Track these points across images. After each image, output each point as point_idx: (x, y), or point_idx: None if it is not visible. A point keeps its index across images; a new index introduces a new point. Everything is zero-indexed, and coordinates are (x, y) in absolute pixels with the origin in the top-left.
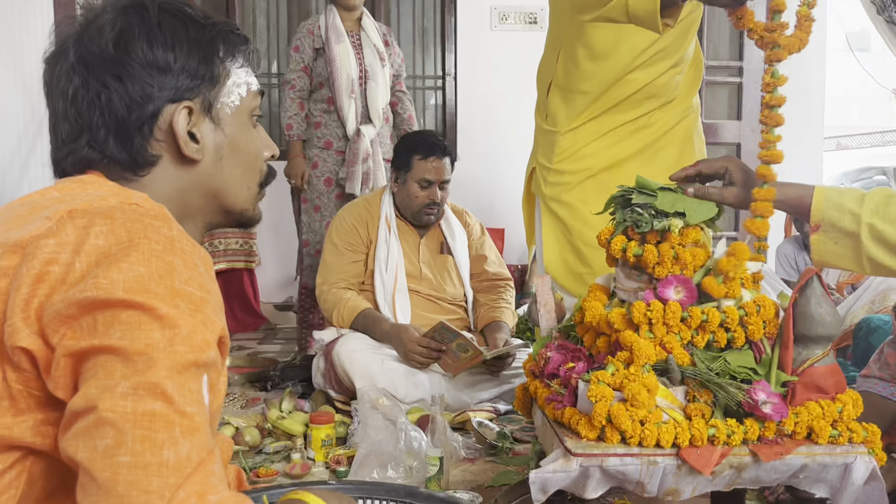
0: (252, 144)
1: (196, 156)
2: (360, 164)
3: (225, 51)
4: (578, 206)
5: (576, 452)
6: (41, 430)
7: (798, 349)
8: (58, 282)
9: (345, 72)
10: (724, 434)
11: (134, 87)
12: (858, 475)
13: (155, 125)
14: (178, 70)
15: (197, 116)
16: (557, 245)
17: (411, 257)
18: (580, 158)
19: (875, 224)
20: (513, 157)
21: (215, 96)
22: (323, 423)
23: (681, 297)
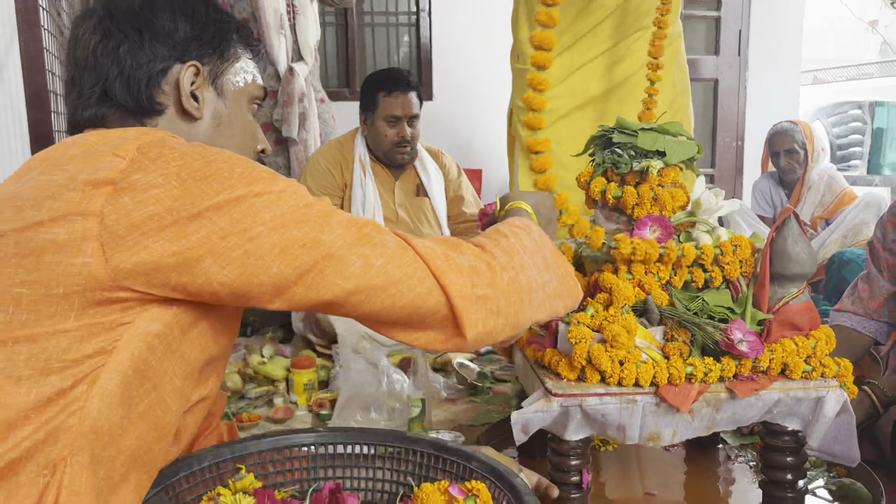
0: (249, 125)
1: (195, 113)
2: (295, 105)
3: (238, 38)
4: (552, 146)
5: (556, 393)
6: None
7: (774, 287)
8: (168, 205)
9: (272, 7)
10: (701, 372)
11: (151, 42)
12: (830, 408)
13: (163, 79)
14: (193, 37)
15: (202, 80)
16: (532, 185)
17: (387, 200)
18: (554, 97)
19: None
20: (490, 95)
21: (222, 70)
22: (304, 368)
23: (657, 235)
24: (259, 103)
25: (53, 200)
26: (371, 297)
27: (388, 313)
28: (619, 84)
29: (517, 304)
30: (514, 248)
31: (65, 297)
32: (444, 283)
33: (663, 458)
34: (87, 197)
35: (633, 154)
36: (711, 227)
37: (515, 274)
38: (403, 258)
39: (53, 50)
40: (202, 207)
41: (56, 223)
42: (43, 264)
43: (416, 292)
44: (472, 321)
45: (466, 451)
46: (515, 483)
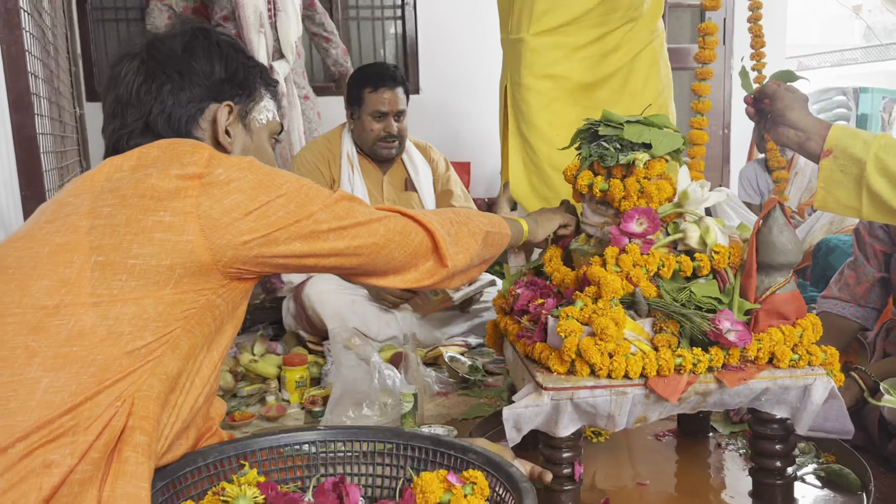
0: (269, 157)
1: (228, 147)
2: None
3: (262, 80)
4: (545, 128)
5: (547, 387)
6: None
7: (761, 277)
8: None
9: (252, 5)
10: (690, 363)
11: (191, 83)
12: (817, 395)
13: (201, 117)
14: (226, 79)
15: (234, 118)
16: (524, 167)
17: (375, 195)
18: (550, 77)
19: (881, 156)
20: (478, 87)
21: (250, 109)
22: (296, 365)
23: (643, 228)
24: (277, 138)
25: (154, 190)
26: (391, 249)
27: (397, 259)
28: (612, 74)
29: (473, 243)
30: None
31: (170, 269)
32: (431, 229)
33: (655, 448)
34: (183, 188)
35: (620, 147)
36: (698, 218)
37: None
38: (406, 222)
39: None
40: (275, 195)
41: (161, 208)
42: (154, 240)
43: (417, 239)
44: (450, 254)
45: (463, 444)
46: (511, 472)
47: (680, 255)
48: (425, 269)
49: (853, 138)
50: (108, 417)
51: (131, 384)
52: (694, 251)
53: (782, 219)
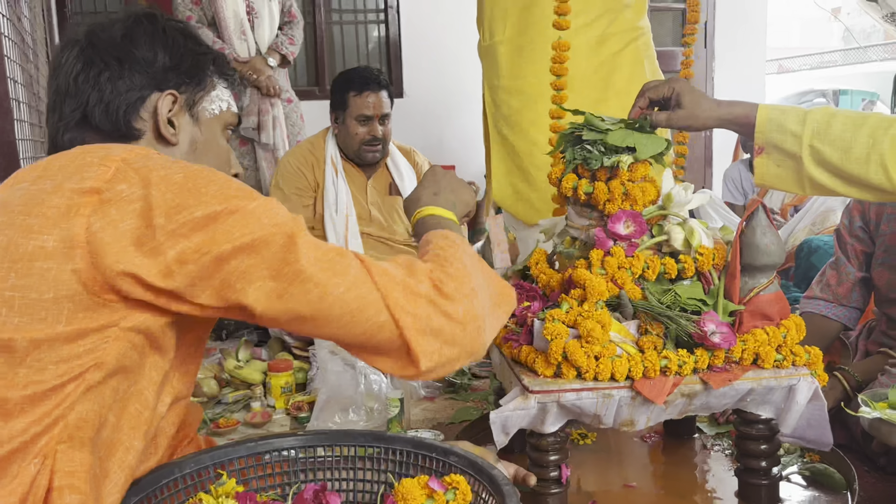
0: (223, 151)
1: (172, 138)
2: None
3: (215, 68)
4: (528, 127)
5: (533, 390)
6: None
7: (744, 279)
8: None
9: (231, 10)
10: (675, 364)
11: (131, 71)
12: (801, 396)
13: (141, 106)
14: (171, 67)
15: (179, 108)
16: (505, 169)
17: (360, 199)
18: (528, 75)
19: (816, 146)
20: (461, 91)
21: (198, 99)
22: (281, 371)
23: (630, 231)
24: (233, 129)
25: (42, 207)
26: (328, 324)
27: (345, 339)
28: (594, 71)
29: (473, 332)
30: (461, 274)
31: (55, 302)
32: (398, 316)
33: (641, 449)
34: (75, 206)
35: (604, 150)
36: (683, 220)
37: (469, 302)
38: (362, 288)
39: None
40: (179, 223)
41: (45, 230)
42: (34, 270)
43: (371, 323)
44: (426, 353)
45: (444, 446)
46: (493, 474)
47: (664, 257)
48: (394, 359)
49: (781, 132)
50: (27, 480)
51: (47, 436)
52: (678, 253)
53: (765, 221)
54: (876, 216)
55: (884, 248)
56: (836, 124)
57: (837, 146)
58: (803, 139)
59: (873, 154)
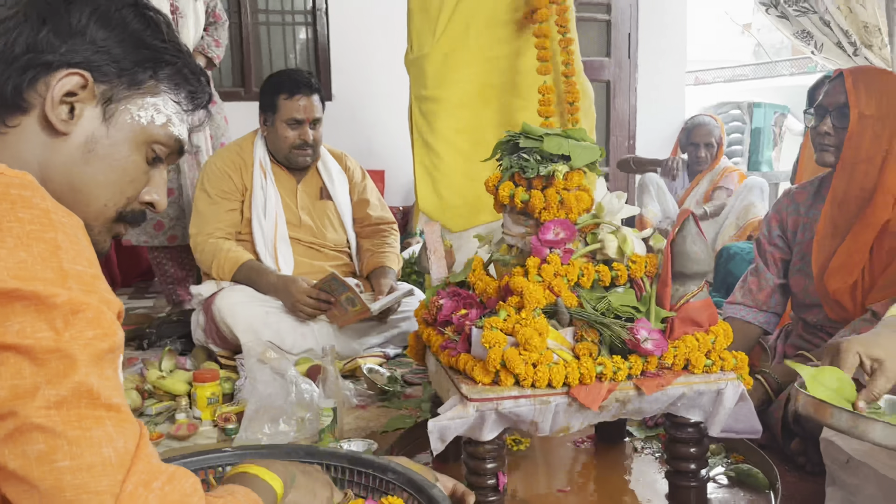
0: (131, 165)
1: (60, 126)
2: None
3: (168, 76)
4: (452, 135)
5: (472, 398)
6: None
7: (675, 286)
8: None
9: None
10: (610, 371)
11: (49, 34)
12: (729, 399)
13: (43, 76)
14: (101, 48)
15: (87, 94)
16: (431, 179)
17: (289, 204)
18: (455, 83)
19: None
20: (391, 95)
21: (125, 97)
22: (207, 381)
23: (561, 237)
24: (159, 155)
25: None
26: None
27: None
28: (518, 78)
29: None
30: None
31: None
32: None
33: (574, 454)
34: None
35: (540, 158)
36: (616, 228)
37: None
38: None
39: None
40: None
41: None
42: None
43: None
44: None
45: (382, 462)
46: (433, 494)
47: (598, 264)
48: None
49: None
50: None
51: None
52: (612, 261)
53: (695, 229)
54: (793, 225)
55: (800, 256)
56: None
57: None
58: None
59: None
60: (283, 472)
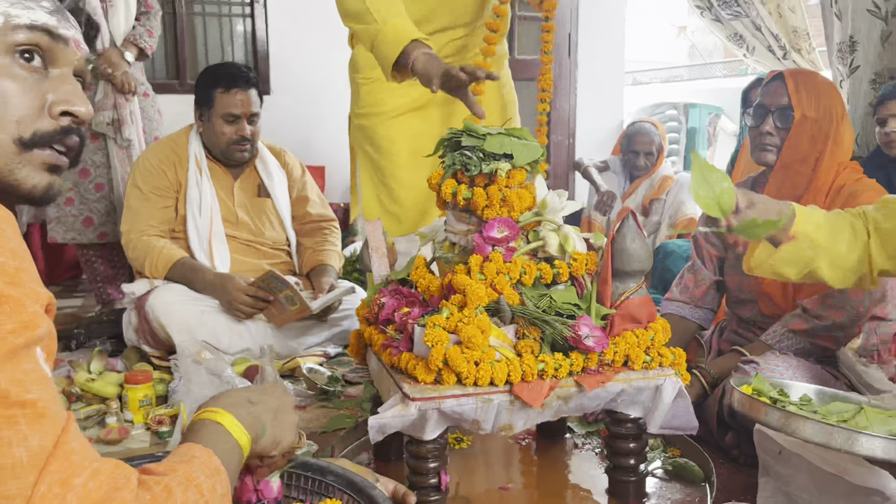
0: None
1: None
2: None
3: None
4: (387, 146)
5: (414, 397)
6: None
7: (615, 283)
8: None
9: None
10: (552, 368)
11: None
12: (667, 395)
13: None
14: None
15: None
16: (373, 187)
17: (226, 201)
18: (385, 101)
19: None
20: (331, 90)
21: None
22: (140, 383)
23: (504, 234)
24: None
25: None
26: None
27: None
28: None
29: None
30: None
31: None
32: None
33: (515, 451)
34: None
35: (482, 156)
36: (557, 226)
37: None
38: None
39: None
40: None
41: None
42: None
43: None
44: None
45: (321, 464)
46: (374, 495)
47: (540, 262)
48: None
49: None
50: None
51: None
52: (553, 258)
53: (635, 228)
54: None
55: (735, 253)
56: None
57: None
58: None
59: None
60: (252, 424)
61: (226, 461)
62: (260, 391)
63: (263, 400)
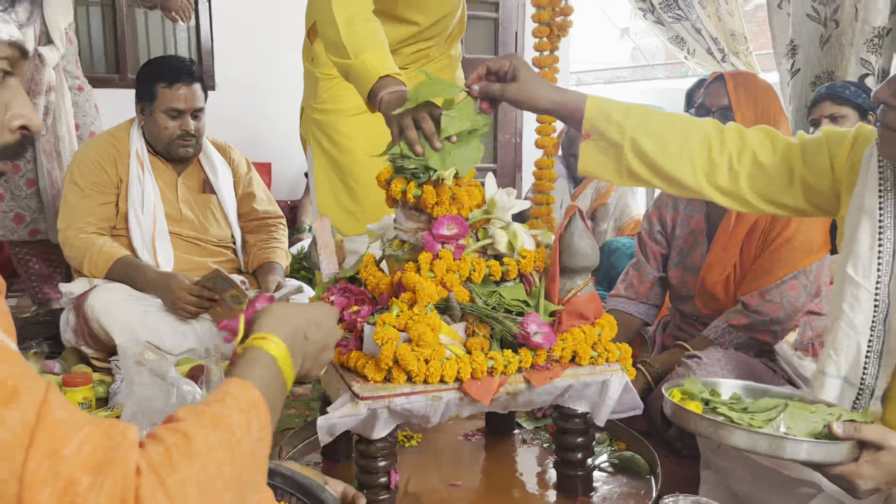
0: None
1: None
2: (42, 97)
3: None
4: (346, 142)
5: (363, 396)
6: None
7: (563, 280)
8: None
9: None
10: (501, 365)
11: None
12: (614, 390)
13: None
14: None
15: None
16: (329, 184)
17: (169, 197)
18: (345, 98)
19: (636, 137)
20: (278, 85)
21: None
22: (79, 385)
23: (454, 232)
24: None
25: None
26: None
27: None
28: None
29: None
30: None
31: None
32: None
33: (464, 448)
34: None
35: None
36: (506, 224)
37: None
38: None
39: None
40: None
41: None
42: None
43: None
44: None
45: (269, 466)
46: (323, 497)
47: (489, 259)
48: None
49: (607, 121)
50: None
51: None
52: (502, 256)
53: (582, 225)
54: (672, 221)
55: (678, 251)
56: (655, 120)
57: (656, 140)
58: (626, 130)
59: (685, 151)
60: (300, 360)
61: (268, 396)
62: (316, 325)
63: (316, 339)
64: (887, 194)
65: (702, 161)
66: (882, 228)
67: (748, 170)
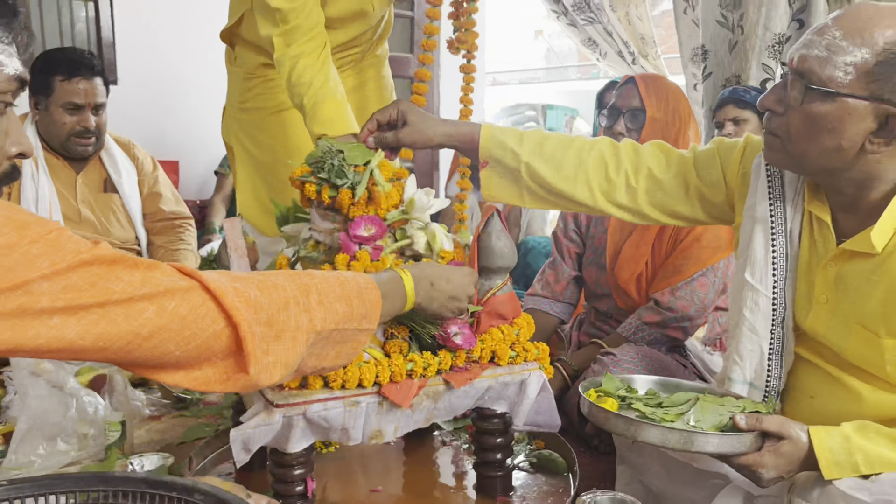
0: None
1: None
2: None
3: None
4: (268, 141)
5: (278, 403)
6: None
7: (482, 280)
8: None
9: None
10: (420, 367)
11: None
12: (532, 389)
13: None
14: None
15: None
16: (251, 184)
17: (67, 197)
18: (269, 97)
19: (531, 163)
20: (186, 81)
21: None
22: None
23: (371, 233)
24: (6, 101)
25: None
26: (162, 341)
27: (173, 354)
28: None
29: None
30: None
31: None
32: (236, 320)
33: (384, 452)
34: None
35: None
36: (425, 224)
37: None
38: (200, 303)
39: None
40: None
41: None
42: None
43: (209, 331)
44: (257, 359)
45: (187, 483)
46: None
47: (408, 260)
48: (220, 368)
49: (502, 148)
50: None
51: None
52: (421, 256)
53: (500, 226)
54: (586, 220)
55: (593, 249)
56: (549, 145)
57: (550, 164)
58: (521, 156)
59: (580, 173)
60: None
61: (385, 291)
62: (446, 279)
63: (444, 289)
64: (777, 202)
65: (599, 180)
66: (775, 234)
67: (645, 185)
